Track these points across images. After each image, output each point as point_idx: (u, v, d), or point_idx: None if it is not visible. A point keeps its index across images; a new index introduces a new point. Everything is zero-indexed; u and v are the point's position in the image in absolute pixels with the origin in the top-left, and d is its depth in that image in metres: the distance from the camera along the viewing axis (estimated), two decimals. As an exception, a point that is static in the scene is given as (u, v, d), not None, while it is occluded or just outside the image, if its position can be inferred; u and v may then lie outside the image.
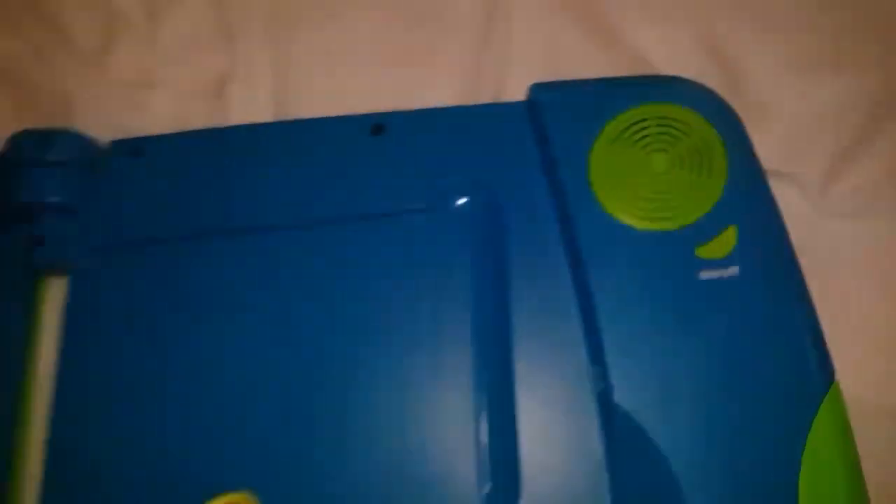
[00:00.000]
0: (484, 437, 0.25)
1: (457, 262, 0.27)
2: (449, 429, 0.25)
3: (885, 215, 0.30)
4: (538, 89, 0.29)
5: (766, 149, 0.28)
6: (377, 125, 0.29)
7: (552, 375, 0.25)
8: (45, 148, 0.28)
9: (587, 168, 0.27)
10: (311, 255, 0.28)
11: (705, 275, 0.25)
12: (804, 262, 0.26)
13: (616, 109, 0.27)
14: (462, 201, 0.28)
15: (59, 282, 0.28)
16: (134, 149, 0.30)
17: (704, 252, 0.25)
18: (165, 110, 0.33)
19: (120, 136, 0.30)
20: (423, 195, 0.28)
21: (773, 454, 0.23)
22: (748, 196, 0.26)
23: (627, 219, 0.26)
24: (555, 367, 0.25)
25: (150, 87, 0.34)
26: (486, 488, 0.24)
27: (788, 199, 0.29)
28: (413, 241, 0.28)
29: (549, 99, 0.28)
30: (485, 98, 0.33)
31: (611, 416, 0.24)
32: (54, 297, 0.28)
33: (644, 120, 0.27)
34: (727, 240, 0.25)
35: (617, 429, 0.24)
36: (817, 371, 0.24)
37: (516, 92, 0.30)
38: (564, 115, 0.28)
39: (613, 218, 0.26)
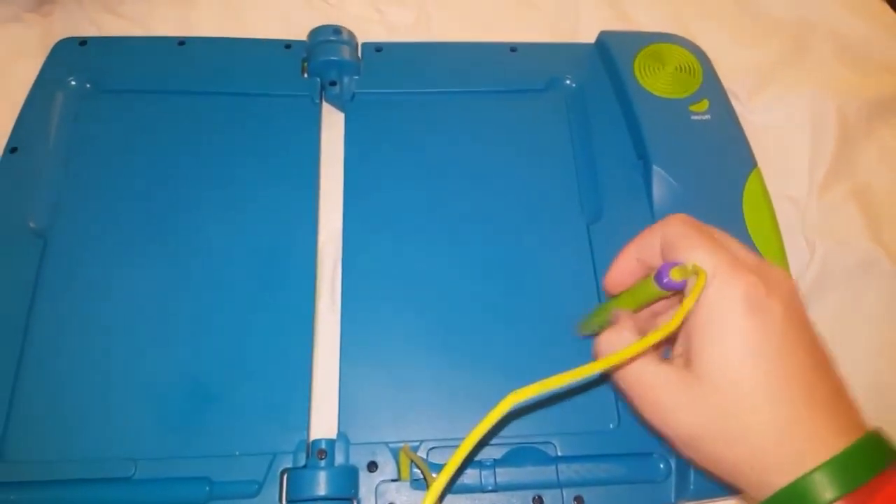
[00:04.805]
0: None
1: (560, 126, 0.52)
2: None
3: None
4: (605, 34, 0.55)
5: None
6: (513, 48, 0.54)
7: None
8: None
9: (633, 69, 0.52)
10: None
11: (694, 117, 0.51)
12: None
13: (649, 42, 0.54)
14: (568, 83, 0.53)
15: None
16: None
17: (694, 108, 0.51)
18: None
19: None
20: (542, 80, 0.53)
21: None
22: (711, 86, 0.53)
23: (657, 92, 0.51)
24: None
25: None
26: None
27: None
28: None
29: (611, 38, 0.54)
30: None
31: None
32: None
33: (661, 48, 0.53)
34: (704, 104, 0.51)
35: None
36: (746, 155, 0.50)
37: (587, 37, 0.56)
38: (622, 44, 0.54)
39: (649, 91, 0.51)
